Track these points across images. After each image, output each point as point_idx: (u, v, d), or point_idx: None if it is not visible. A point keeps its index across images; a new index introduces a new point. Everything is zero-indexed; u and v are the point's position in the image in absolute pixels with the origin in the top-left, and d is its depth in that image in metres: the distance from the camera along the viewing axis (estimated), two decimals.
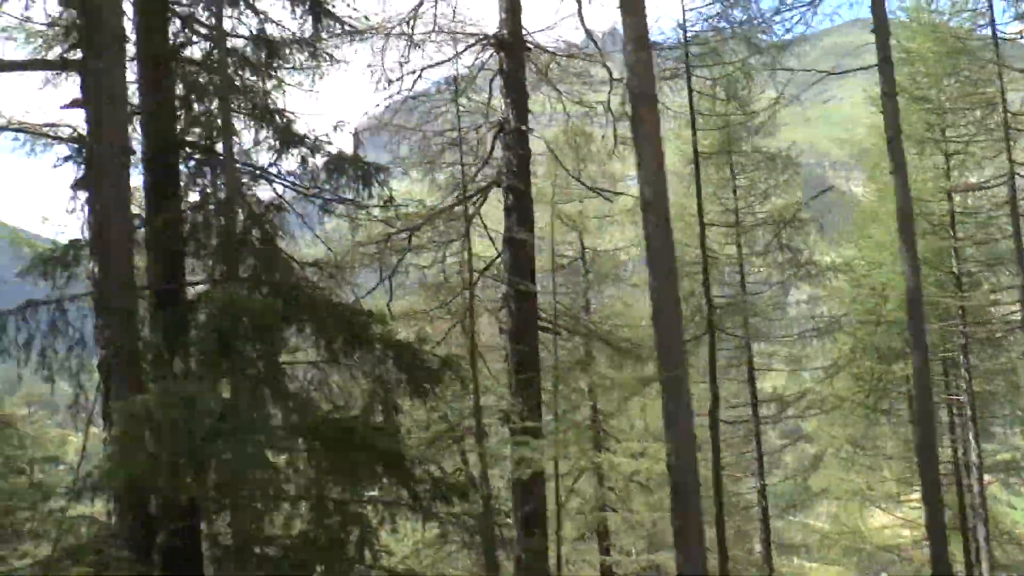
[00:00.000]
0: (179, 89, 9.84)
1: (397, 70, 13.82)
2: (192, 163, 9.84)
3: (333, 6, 9.50)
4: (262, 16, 9.75)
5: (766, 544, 18.34)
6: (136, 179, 12.41)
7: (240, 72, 9.49)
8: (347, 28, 10.21)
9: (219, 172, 9.37)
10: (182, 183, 9.82)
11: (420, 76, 13.98)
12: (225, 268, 8.64)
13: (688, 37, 14.23)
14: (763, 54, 14.00)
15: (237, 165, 9.30)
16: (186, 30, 9.54)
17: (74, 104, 11.98)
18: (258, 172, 9.61)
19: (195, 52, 10.18)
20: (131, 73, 9.90)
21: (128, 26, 11.46)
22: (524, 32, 14.20)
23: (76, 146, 13.02)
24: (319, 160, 9.87)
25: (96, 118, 11.47)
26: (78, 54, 12.43)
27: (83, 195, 11.06)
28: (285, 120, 9.56)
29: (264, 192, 10.31)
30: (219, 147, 9.83)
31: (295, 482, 8.36)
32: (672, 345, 7.85)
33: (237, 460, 6.54)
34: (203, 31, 9.96)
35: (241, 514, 8.32)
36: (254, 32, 9.26)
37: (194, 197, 9.80)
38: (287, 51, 9.32)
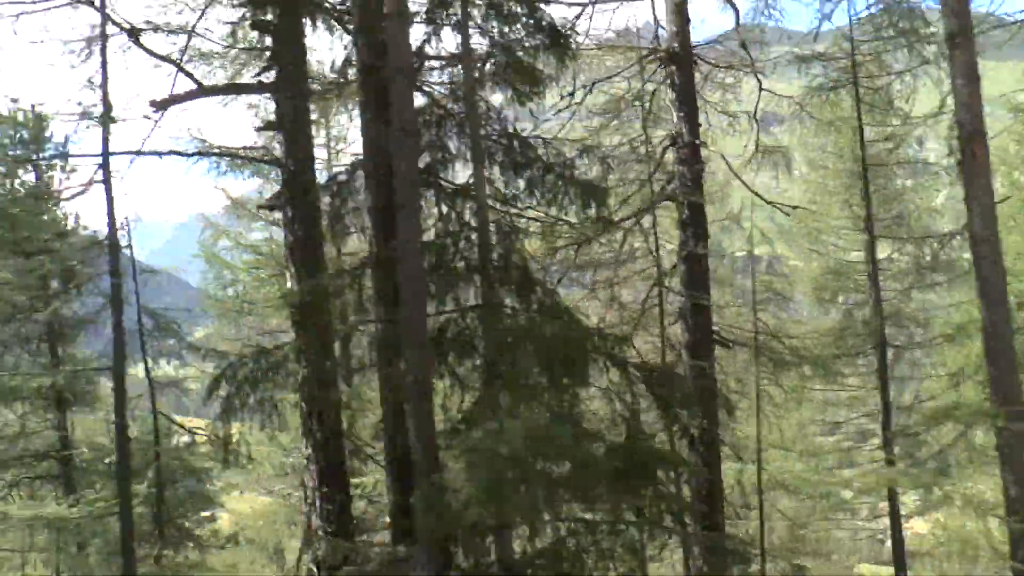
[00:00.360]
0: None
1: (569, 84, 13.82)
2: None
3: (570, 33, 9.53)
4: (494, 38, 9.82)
5: (900, 550, 18.22)
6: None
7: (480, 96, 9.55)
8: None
9: (460, 197, 9.44)
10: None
11: (591, 90, 14.01)
12: (486, 295, 8.73)
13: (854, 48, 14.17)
14: (930, 64, 13.89)
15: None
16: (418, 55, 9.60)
17: (268, 126, 12.14)
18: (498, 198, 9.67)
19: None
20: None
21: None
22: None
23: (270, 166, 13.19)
24: (548, 181, 9.93)
25: (290, 138, 11.70)
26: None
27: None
28: (524, 143, 9.62)
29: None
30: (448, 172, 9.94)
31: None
32: (1009, 379, 7.83)
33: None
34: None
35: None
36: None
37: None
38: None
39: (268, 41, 12.27)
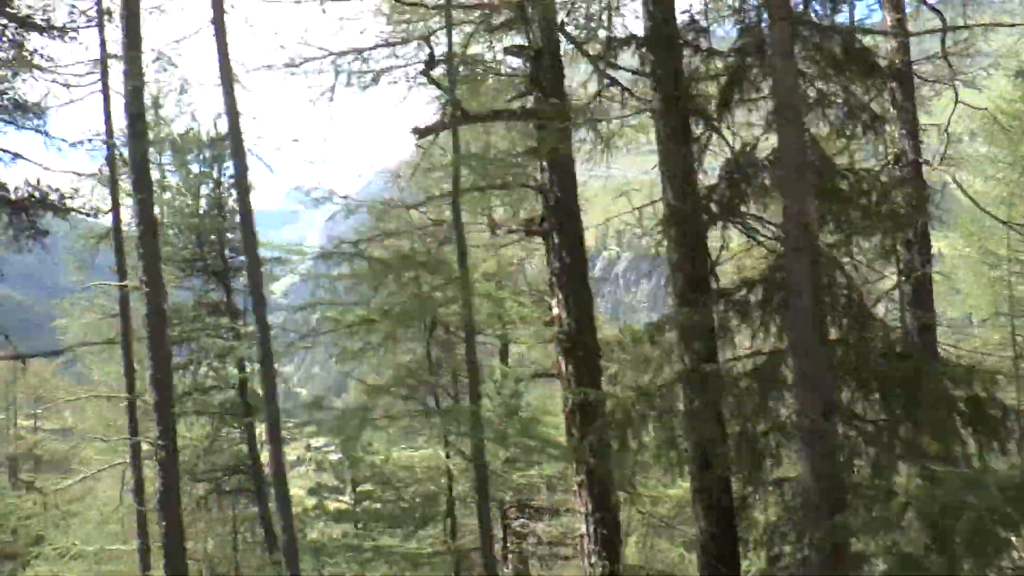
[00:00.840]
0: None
1: None
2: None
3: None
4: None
5: None
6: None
7: None
8: None
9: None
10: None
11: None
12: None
13: None
14: None
15: None
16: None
17: (531, 152, 12.16)
18: None
19: None
20: None
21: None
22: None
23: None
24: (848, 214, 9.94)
25: (555, 165, 11.76)
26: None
27: None
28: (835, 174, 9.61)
29: None
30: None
31: None
32: None
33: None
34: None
35: None
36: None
37: None
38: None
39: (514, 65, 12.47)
